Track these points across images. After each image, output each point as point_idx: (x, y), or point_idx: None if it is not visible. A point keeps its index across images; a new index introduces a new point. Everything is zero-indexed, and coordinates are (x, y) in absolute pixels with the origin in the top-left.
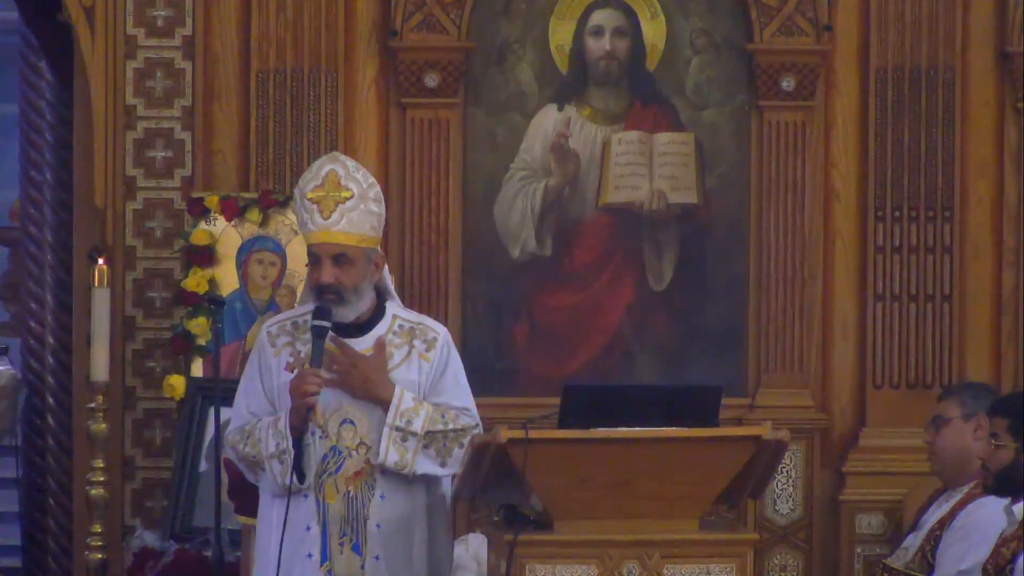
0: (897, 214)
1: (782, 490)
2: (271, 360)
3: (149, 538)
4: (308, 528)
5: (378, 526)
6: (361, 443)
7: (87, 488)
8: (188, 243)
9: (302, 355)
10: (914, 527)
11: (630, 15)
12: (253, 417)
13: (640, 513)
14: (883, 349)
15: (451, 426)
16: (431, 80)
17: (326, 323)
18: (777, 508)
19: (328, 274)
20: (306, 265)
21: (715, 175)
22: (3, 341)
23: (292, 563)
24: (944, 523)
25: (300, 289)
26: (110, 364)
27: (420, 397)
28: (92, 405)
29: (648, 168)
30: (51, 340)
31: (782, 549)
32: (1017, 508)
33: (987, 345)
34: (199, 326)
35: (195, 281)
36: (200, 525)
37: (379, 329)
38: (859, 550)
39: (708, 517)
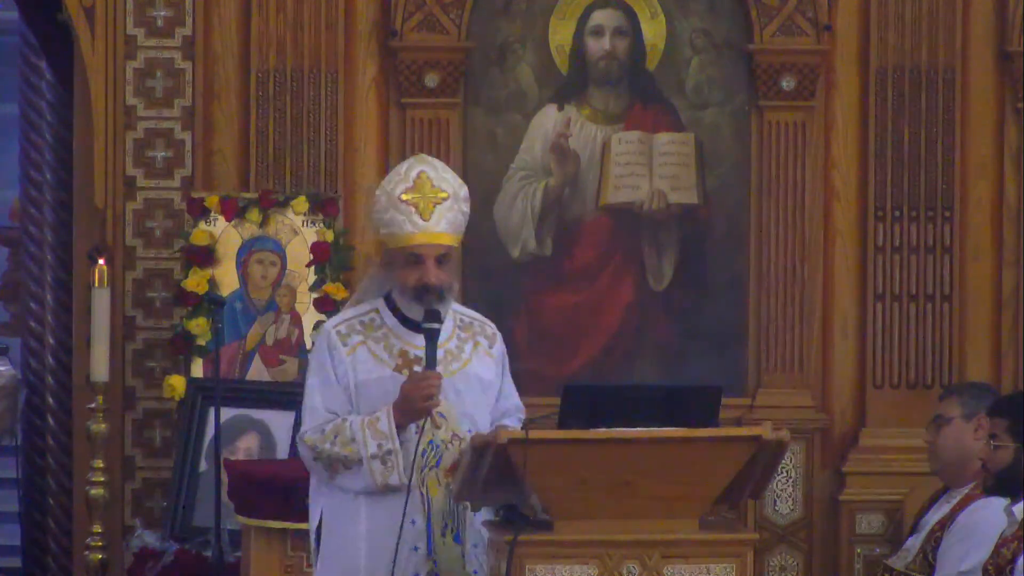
0: (897, 214)
1: (782, 490)
2: (345, 358)
3: (149, 538)
4: (413, 522)
5: (476, 515)
6: (454, 435)
7: (87, 488)
8: (188, 243)
9: (408, 356)
10: (914, 528)
11: (630, 15)
12: (333, 415)
13: (640, 513)
14: (883, 349)
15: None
16: (431, 80)
17: (437, 325)
18: (777, 508)
19: (434, 274)
20: (381, 264)
21: (715, 175)
22: (3, 341)
23: (399, 557)
24: (945, 524)
25: (300, 288)
26: (110, 364)
27: (492, 395)
28: (92, 405)
29: (648, 168)
30: (51, 340)
31: (782, 549)
32: (1017, 508)
33: (987, 345)
34: (199, 326)
35: (195, 281)
36: (200, 525)
37: (448, 324)
38: (859, 550)
39: (708, 517)
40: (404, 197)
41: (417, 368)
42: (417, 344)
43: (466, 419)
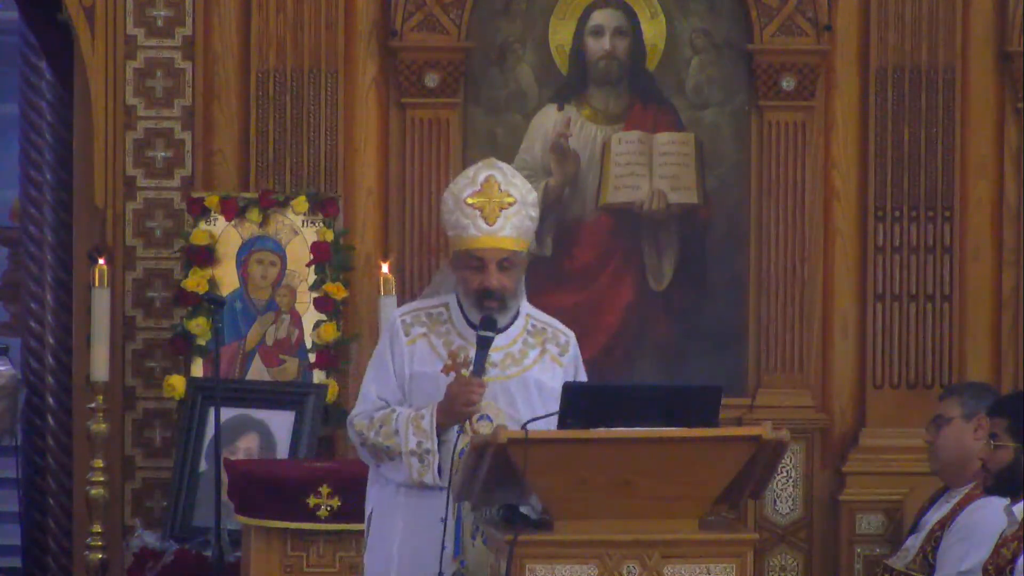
0: (897, 214)
1: (782, 490)
2: (404, 348)
3: (149, 538)
4: (443, 520)
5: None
6: None
7: (87, 488)
8: (188, 243)
9: (459, 358)
10: (914, 528)
11: (630, 15)
12: (383, 403)
13: (640, 513)
14: (883, 349)
15: None
16: (431, 80)
17: (491, 334)
18: (777, 508)
19: (495, 279)
20: (449, 266)
21: (715, 175)
22: (3, 341)
23: (426, 555)
24: (944, 524)
25: (300, 288)
26: (110, 364)
27: (552, 403)
28: (92, 405)
29: (648, 168)
30: (51, 340)
31: (782, 549)
32: (1017, 508)
33: (987, 345)
34: (199, 326)
35: (195, 281)
36: (200, 525)
37: (516, 327)
38: (859, 550)
39: (708, 517)
40: (470, 201)
41: (465, 371)
42: (473, 346)
43: (516, 425)
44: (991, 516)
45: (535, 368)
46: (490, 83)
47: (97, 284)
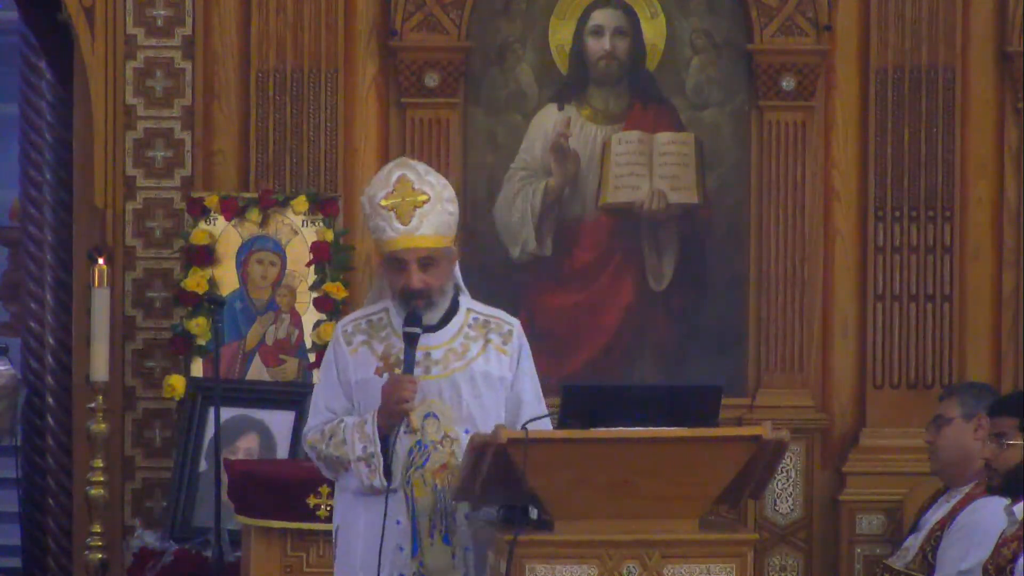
0: (897, 214)
1: (782, 490)
2: (347, 358)
3: (149, 538)
4: (398, 522)
5: (467, 517)
6: (445, 436)
7: (87, 488)
8: (188, 243)
9: (391, 358)
10: (914, 528)
11: (630, 15)
12: (332, 415)
13: (640, 513)
14: (883, 349)
15: None
16: (431, 80)
17: (417, 329)
18: (777, 508)
19: (417, 279)
20: (380, 268)
21: (715, 175)
22: (3, 341)
23: (384, 557)
24: (944, 523)
25: (300, 288)
26: (110, 364)
27: (503, 392)
28: (92, 405)
29: (648, 168)
30: (51, 340)
31: (782, 549)
32: (1017, 508)
33: (987, 345)
34: (199, 326)
35: (195, 281)
36: (200, 525)
37: (455, 323)
38: (859, 550)
39: (708, 517)
40: (384, 203)
41: (398, 370)
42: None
43: (464, 420)
44: (991, 516)
45: (480, 360)
46: (490, 83)
47: (97, 284)
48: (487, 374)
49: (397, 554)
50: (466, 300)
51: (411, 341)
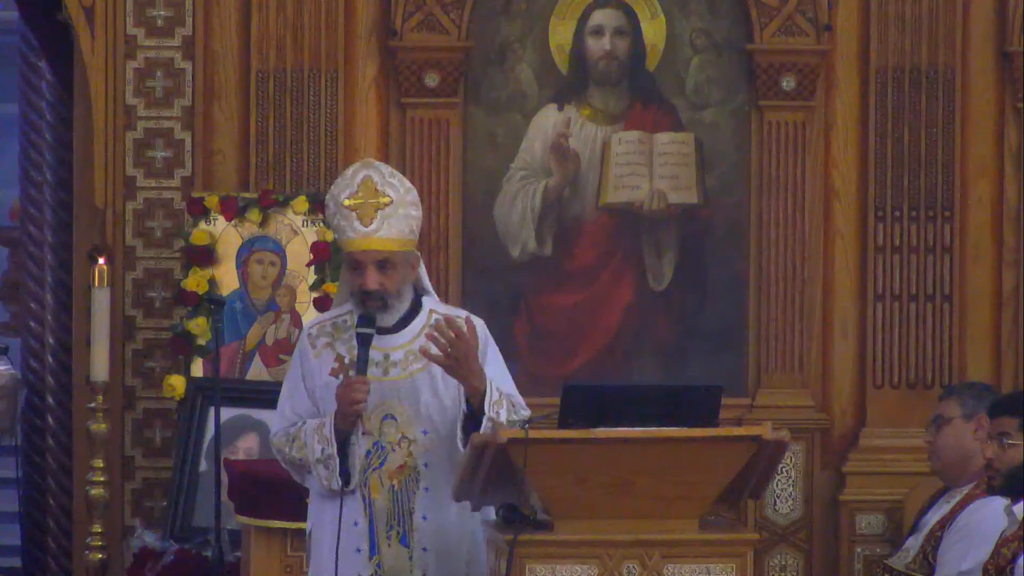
0: (897, 214)
1: (782, 490)
2: (312, 362)
3: (149, 538)
4: (356, 523)
5: (424, 518)
6: (403, 437)
7: (87, 488)
8: (188, 243)
9: (346, 360)
10: (914, 528)
11: (630, 15)
12: (297, 419)
13: (640, 513)
14: (883, 349)
15: (519, 415)
16: (431, 80)
17: (371, 330)
18: (777, 508)
19: (373, 280)
20: (343, 270)
21: (715, 175)
22: (3, 341)
23: (342, 558)
24: (944, 524)
25: (300, 288)
26: (110, 364)
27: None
28: (92, 405)
29: (648, 168)
30: (51, 340)
31: (782, 549)
32: (1017, 508)
33: (987, 345)
34: (199, 326)
35: (195, 281)
36: (200, 525)
37: (416, 324)
38: (859, 550)
39: (708, 517)
40: (347, 203)
41: (352, 372)
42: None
43: (422, 422)
44: (991, 516)
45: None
46: (490, 83)
47: (97, 284)
48: (447, 373)
49: (356, 556)
50: (430, 301)
51: (364, 342)
